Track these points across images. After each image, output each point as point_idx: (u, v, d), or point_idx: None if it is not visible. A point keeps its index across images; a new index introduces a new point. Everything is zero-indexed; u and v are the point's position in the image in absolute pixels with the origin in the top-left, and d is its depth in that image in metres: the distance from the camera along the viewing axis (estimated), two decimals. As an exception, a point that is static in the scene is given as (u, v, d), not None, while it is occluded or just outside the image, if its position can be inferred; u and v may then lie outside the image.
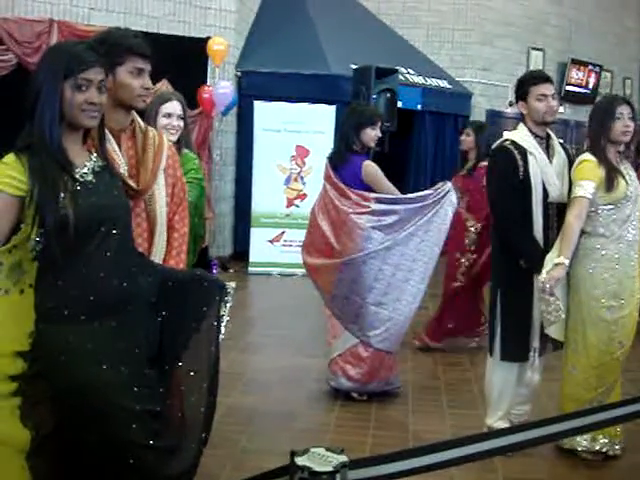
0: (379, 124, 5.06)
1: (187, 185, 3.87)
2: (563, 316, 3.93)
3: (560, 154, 4.26)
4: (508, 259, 4.24)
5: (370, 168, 4.96)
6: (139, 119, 3.10)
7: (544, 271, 3.93)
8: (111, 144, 2.88)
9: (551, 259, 3.97)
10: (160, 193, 3.08)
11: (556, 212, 4.20)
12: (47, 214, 2.33)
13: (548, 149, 4.26)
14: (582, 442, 4.10)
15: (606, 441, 4.09)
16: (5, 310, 2.41)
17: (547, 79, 4.28)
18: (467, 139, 6.58)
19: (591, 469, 4.04)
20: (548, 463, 4.12)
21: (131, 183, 2.89)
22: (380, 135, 5.10)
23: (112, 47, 2.78)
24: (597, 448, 4.09)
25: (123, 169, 2.89)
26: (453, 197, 4.94)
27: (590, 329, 4.03)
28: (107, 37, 2.94)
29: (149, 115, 3.96)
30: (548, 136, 4.29)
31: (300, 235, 4.84)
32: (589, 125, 4.18)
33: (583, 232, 4.04)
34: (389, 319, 4.85)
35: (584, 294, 4.04)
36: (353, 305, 4.87)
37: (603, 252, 4.03)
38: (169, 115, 4.02)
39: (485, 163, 5.27)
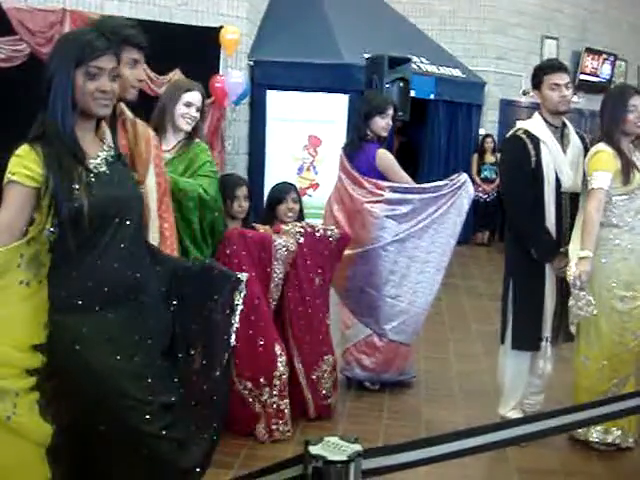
0: (389, 112, 4.96)
1: (206, 179, 3.91)
2: (595, 311, 3.91)
3: (575, 143, 4.25)
4: (521, 248, 4.24)
5: (384, 156, 4.93)
6: (127, 110, 3.10)
7: (572, 264, 3.92)
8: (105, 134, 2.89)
9: (574, 252, 3.96)
10: (151, 183, 3.09)
11: (569, 202, 4.21)
12: (62, 205, 2.34)
13: (563, 138, 4.24)
14: (595, 434, 4.09)
15: (619, 433, 4.08)
16: (26, 303, 2.41)
17: (560, 68, 4.25)
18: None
19: (604, 460, 4.03)
20: (561, 454, 4.11)
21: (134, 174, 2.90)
22: (391, 124, 5.01)
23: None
24: (610, 440, 4.08)
25: None
26: (470, 188, 4.89)
27: (603, 320, 4.02)
28: (101, 25, 2.89)
29: (166, 101, 3.97)
30: (564, 125, 4.28)
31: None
32: (601, 116, 4.15)
33: None
34: (405, 311, 4.85)
35: (597, 284, 4.02)
36: (369, 298, 4.87)
37: (616, 242, 4.02)
38: (189, 104, 4.00)
39: None
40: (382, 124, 4.93)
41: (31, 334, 2.41)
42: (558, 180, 4.16)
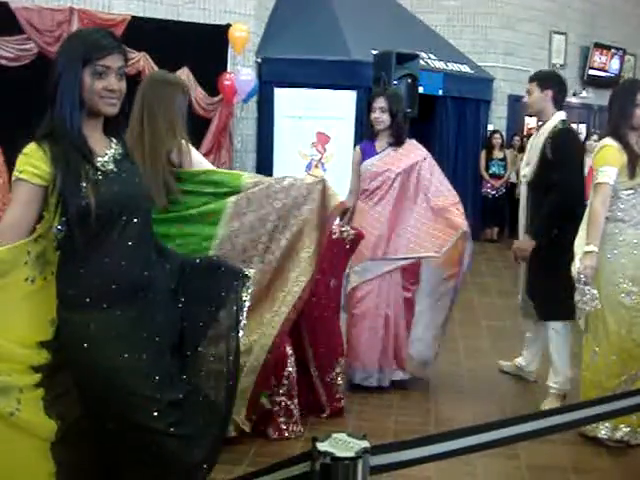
0: (375, 105, 4.85)
1: None
2: (599, 305, 3.91)
3: (537, 139, 4.75)
4: None
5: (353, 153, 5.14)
6: None
7: (577, 260, 3.93)
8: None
9: (579, 246, 3.97)
10: None
11: (530, 192, 4.82)
12: (69, 203, 2.35)
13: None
14: (603, 430, 4.07)
15: (627, 430, 4.06)
16: (31, 300, 2.43)
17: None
18: None
19: (615, 456, 4.01)
20: (571, 450, 4.10)
21: None
22: (380, 117, 4.85)
23: None
24: (618, 437, 4.06)
25: None
26: None
27: (610, 315, 4.01)
28: None
29: (181, 104, 3.79)
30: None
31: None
32: (609, 110, 4.19)
33: None
34: None
35: (603, 279, 4.02)
36: None
37: (622, 237, 4.02)
38: None
39: None
40: (371, 118, 4.90)
41: (36, 331, 2.43)
42: None
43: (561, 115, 4.72)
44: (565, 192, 4.52)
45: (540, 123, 4.88)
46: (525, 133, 13.18)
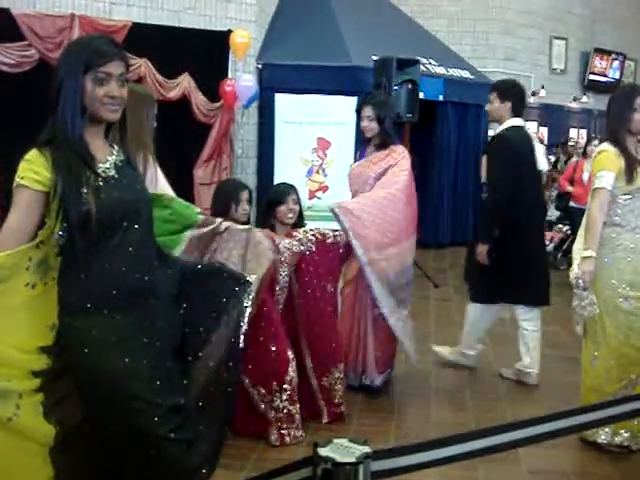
0: (362, 114, 4.91)
1: None
2: (597, 310, 3.92)
3: None
4: None
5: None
6: None
7: (575, 265, 3.94)
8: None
9: (577, 251, 3.98)
10: None
11: None
12: (70, 209, 2.36)
13: None
14: (603, 435, 4.06)
15: (627, 435, 4.05)
16: (31, 305, 2.44)
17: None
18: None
19: (616, 462, 4.01)
20: (572, 455, 4.10)
21: None
22: (367, 125, 4.90)
23: None
24: (617, 442, 4.05)
25: None
26: None
27: (608, 319, 4.02)
28: None
29: (149, 113, 3.78)
30: None
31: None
32: (607, 115, 4.21)
33: None
34: None
35: (600, 283, 4.02)
36: None
37: (619, 242, 4.02)
38: None
39: None
40: (361, 126, 4.98)
41: (36, 336, 2.43)
42: None
43: (513, 122, 5.12)
44: (494, 191, 4.98)
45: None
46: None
